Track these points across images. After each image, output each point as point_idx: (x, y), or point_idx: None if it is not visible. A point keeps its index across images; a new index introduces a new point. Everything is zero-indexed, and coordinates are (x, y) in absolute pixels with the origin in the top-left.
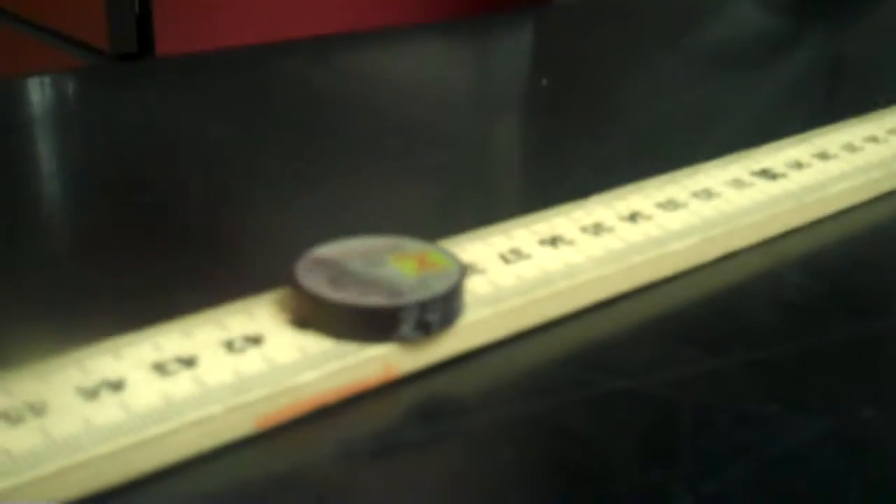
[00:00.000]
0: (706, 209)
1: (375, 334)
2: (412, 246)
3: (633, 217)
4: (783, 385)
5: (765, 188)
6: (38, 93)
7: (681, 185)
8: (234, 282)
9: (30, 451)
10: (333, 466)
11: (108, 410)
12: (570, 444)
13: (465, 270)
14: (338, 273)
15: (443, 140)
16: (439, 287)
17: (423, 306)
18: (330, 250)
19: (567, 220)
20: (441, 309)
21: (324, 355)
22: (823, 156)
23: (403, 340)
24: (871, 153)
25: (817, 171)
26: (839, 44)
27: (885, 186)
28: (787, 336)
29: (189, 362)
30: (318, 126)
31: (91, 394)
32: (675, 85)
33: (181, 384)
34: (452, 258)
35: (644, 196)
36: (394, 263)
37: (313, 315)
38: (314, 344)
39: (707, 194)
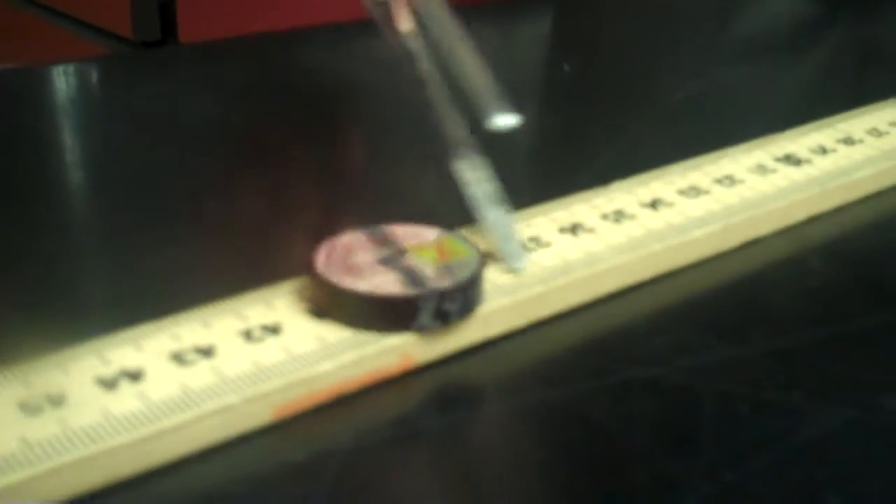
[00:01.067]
0: (729, 196)
1: (393, 324)
2: (431, 234)
3: (654, 204)
4: (805, 373)
5: (788, 174)
6: (61, 81)
7: (703, 171)
8: (254, 271)
9: (48, 441)
10: (351, 455)
11: (126, 401)
12: (590, 433)
13: (484, 259)
14: (356, 262)
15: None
16: (459, 276)
17: (442, 296)
18: (348, 239)
19: (587, 207)
20: (460, 298)
21: (342, 345)
22: (848, 141)
23: (422, 330)
24: None
25: (842, 157)
26: (867, 28)
27: None
28: (809, 324)
29: (207, 352)
30: (340, 112)
31: (110, 384)
32: (699, 70)
33: (200, 374)
34: (471, 246)
35: (666, 183)
36: (413, 252)
37: (331, 305)
38: (332, 334)
39: (730, 181)
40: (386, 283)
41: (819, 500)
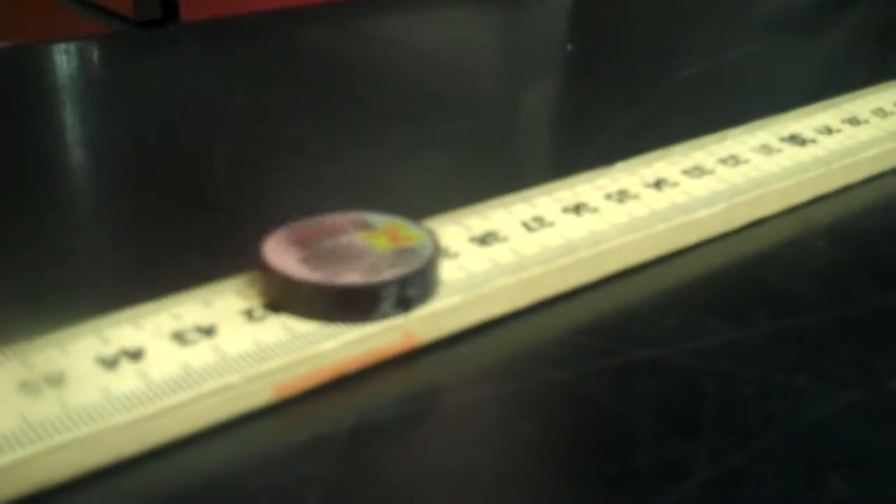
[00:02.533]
0: (733, 175)
1: (354, 314)
2: (381, 220)
3: (658, 184)
4: (810, 355)
5: (793, 154)
6: (62, 59)
7: (708, 151)
8: (255, 250)
9: (48, 421)
10: (354, 435)
11: (127, 380)
12: (593, 415)
13: (438, 242)
14: (308, 252)
15: (466, 107)
16: (415, 261)
17: (403, 282)
18: (298, 229)
19: (591, 187)
20: (421, 283)
21: (344, 324)
22: (853, 121)
23: (383, 318)
24: None
25: (847, 137)
26: (878, 8)
27: None
28: (814, 305)
29: (208, 331)
30: (342, 92)
31: (110, 363)
32: (703, 49)
33: (200, 353)
34: (424, 230)
35: (670, 162)
36: (365, 239)
37: (286, 297)
38: None
39: (734, 160)
40: (343, 273)
41: (823, 483)
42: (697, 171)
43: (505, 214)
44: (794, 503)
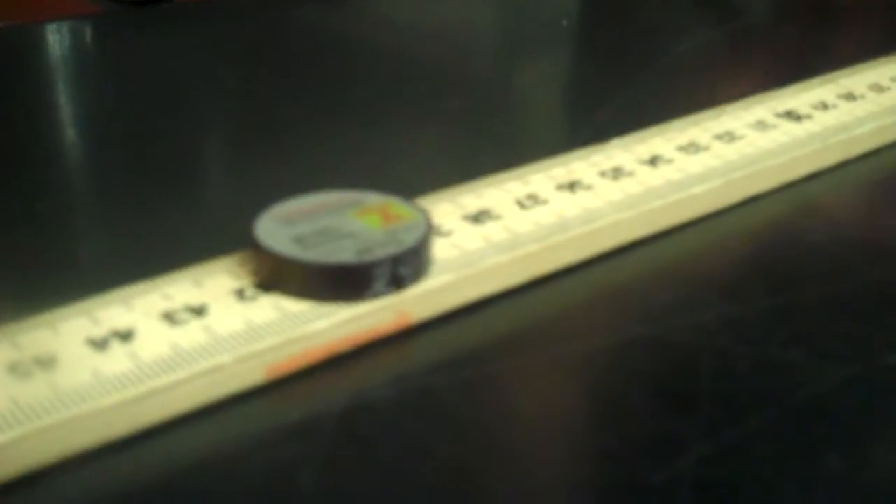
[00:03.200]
0: (729, 152)
1: (347, 293)
2: (373, 199)
3: (653, 161)
4: (806, 331)
5: (789, 130)
6: (55, 39)
7: (703, 127)
8: (246, 230)
9: (38, 402)
10: (348, 415)
11: (117, 361)
12: (588, 391)
13: (430, 220)
14: (300, 232)
15: (461, 84)
16: (408, 239)
17: (396, 261)
18: (289, 209)
19: (585, 164)
20: (413, 262)
21: (336, 304)
22: (849, 96)
23: (376, 298)
24: None
25: (843, 112)
26: None
27: None
28: (810, 281)
29: (199, 311)
30: (334, 71)
31: (100, 344)
32: (701, 25)
33: (191, 333)
34: (416, 209)
35: (665, 139)
36: (357, 218)
37: (279, 277)
38: None
39: (730, 136)
40: (336, 252)
41: (819, 458)
42: (693, 148)
43: (499, 192)
44: (790, 479)
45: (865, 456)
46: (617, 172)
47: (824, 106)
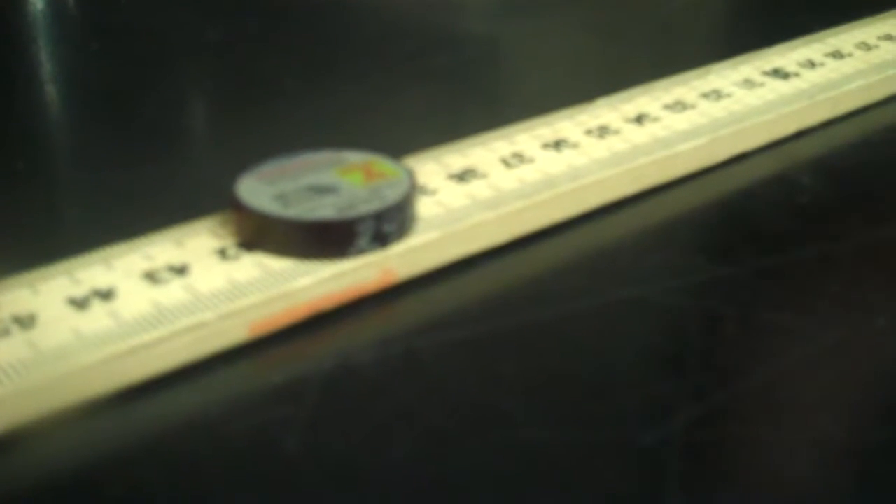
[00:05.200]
0: (715, 109)
1: (330, 250)
2: (355, 157)
3: (639, 119)
4: (796, 292)
5: (776, 87)
6: None
7: (690, 86)
8: (229, 189)
9: (19, 362)
10: (333, 377)
11: (98, 319)
12: (575, 354)
13: (414, 177)
14: (282, 190)
15: (447, 42)
16: (391, 196)
17: (379, 217)
18: (271, 168)
19: (571, 123)
20: (397, 219)
21: (319, 261)
22: (837, 55)
23: (360, 255)
24: (887, 51)
25: (831, 70)
26: None
27: None
28: (799, 242)
29: (181, 271)
30: (318, 28)
31: (81, 303)
32: None
33: (173, 292)
34: (399, 166)
35: (651, 98)
36: (340, 176)
37: (261, 235)
38: None
39: (717, 95)
40: (318, 209)
41: (809, 420)
42: (679, 106)
43: (484, 151)
44: (779, 441)
45: (855, 418)
46: (603, 131)
47: (811, 64)
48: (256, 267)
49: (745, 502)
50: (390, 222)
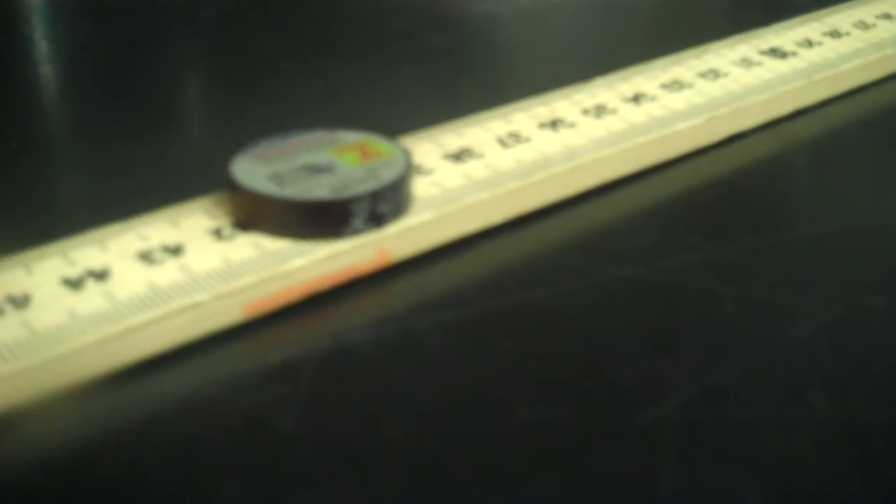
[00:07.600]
0: (712, 89)
1: (325, 230)
2: (350, 137)
3: (636, 98)
4: (791, 272)
5: (774, 66)
6: None
7: (687, 65)
8: (224, 169)
9: (14, 342)
10: (329, 357)
11: (92, 300)
12: (571, 334)
13: (410, 157)
14: (277, 170)
15: (443, 21)
16: (387, 176)
17: (375, 197)
18: (267, 148)
19: (568, 103)
20: (393, 199)
21: (315, 242)
22: (835, 34)
23: (356, 235)
24: (885, 30)
25: (828, 49)
26: None
27: None
28: (795, 221)
29: (176, 251)
30: (314, 6)
31: (76, 284)
32: None
33: (168, 272)
34: (395, 145)
35: (648, 77)
36: (335, 156)
37: (256, 215)
38: None
39: (714, 74)
40: (314, 189)
41: (805, 400)
42: (676, 86)
43: (480, 131)
44: (775, 421)
45: (850, 397)
46: (600, 110)
47: (809, 43)
48: (251, 247)
49: (742, 481)
50: (386, 202)
